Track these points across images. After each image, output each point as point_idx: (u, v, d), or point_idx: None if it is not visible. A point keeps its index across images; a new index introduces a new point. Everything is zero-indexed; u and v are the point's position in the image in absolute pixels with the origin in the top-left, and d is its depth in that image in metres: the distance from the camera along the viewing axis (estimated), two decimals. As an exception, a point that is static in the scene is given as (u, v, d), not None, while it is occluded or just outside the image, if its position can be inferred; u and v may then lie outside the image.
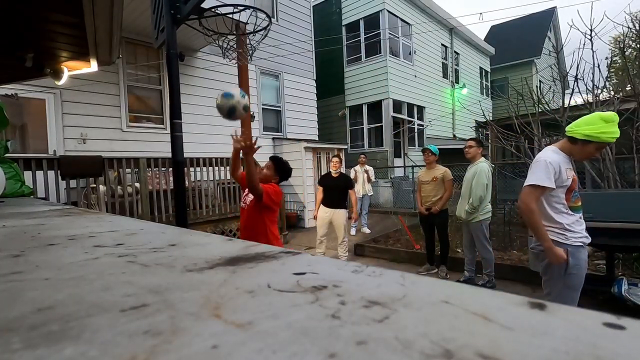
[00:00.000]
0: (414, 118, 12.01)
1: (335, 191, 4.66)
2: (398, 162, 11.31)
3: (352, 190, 4.77)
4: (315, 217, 4.76)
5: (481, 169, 3.74)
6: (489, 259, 3.87)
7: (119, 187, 4.61)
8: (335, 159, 4.94)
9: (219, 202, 5.83)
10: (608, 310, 0.25)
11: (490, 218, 3.92)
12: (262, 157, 8.85)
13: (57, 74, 3.31)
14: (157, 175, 4.97)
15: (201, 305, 0.31)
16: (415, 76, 12.01)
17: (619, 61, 9.35)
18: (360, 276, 0.38)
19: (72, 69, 3.42)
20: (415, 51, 12.08)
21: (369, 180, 7.04)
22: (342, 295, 0.33)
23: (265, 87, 8.61)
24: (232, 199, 5.93)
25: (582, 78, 5.00)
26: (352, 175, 6.83)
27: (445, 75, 14.07)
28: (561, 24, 23.58)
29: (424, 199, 4.44)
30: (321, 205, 4.71)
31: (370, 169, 7.22)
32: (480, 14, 16.34)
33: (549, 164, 2.00)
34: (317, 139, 9.69)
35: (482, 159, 3.89)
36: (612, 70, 9.20)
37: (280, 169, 3.02)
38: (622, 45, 5.75)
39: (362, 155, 7.27)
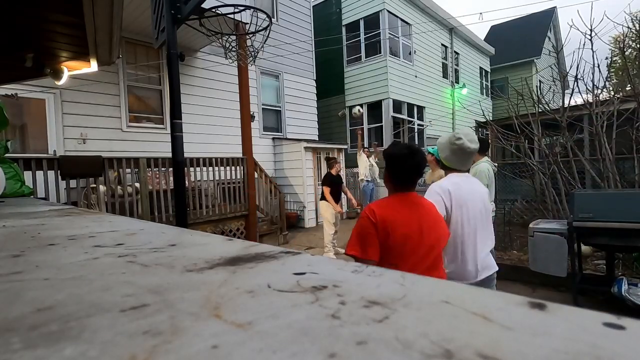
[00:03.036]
0: (414, 118, 12.00)
1: (340, 187, 5.40)
2: (398, 162, 11.29)
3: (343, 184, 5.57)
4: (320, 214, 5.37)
5: (480, 170, 3.73)
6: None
7: (119, 187, 4.61)
8: (338, 165, 5.57)
9: (219, 202, 5.82)
10: (608, 310, 0.25)
11: (493, 218, 3.93)
12: (262, 157, 8.82)
13: (57, 74, 3.31)
14: (157, 175, 4.96)
15: (201, 305, 0.31)
16: (416, 76, 12.01)
17: (619, 61, 9.35)
18: (360, 276, 0.38)
19: (72, 69, 3.42)
20: (415, 51, 12.08)
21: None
22: (342, 295, 0.33)
23: (265, 87, 8.61)
24: (232, 199, 5.93)
25: (582, 78, 5.01)
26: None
27: (445, 75, 14.07)
28: (561, 24, 23.58)
29: None
30: (328, 203, 5.18)
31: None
32: (480, 14, 16.38)
33: None
34: (317, 139, 9.70)
35: (484, 159, 3.89)
36: (612, 70, 9.20)
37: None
38: (622, 45, 5.74)
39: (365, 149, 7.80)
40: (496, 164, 5.63)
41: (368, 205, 1.62)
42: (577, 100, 5.46)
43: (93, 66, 3.38)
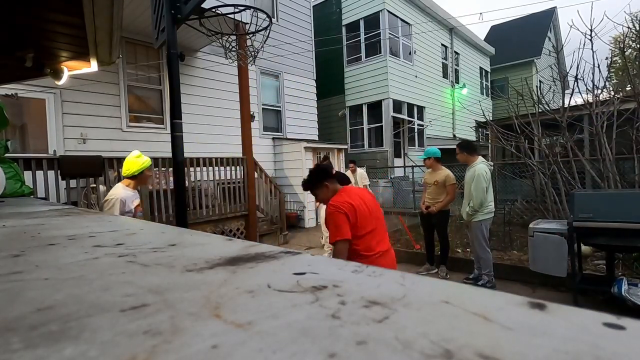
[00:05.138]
0: (414, 118, 12.01)
1: None
2: (398, 162, 11.32)
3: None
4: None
5: (479, 173, 3.72)
6: (486, 259, 3.87)
7: (119, 187, 4.60)
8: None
9: (219, 202, 5.82)
10: (608, 310, 0.25)
11: (492, 218, 3.93)
12: (262, 157, 8.81)
13: (57, 74, 3.31)
14: (157, 175, 4.96)
15: (201, 305, 0.31)
16: (416, 76, 12.02)
17: (619, 61, 9.35)
18: (360, 276, 0.38)
19: (72, 69, 3.42)
20: (415, 51, 12.08)
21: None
22: (342, 295, 0.33)
23: (265, 87, 8.61)
24: (232, 199, 5.93)
25: (582, 78, 5.01)
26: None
27: (445, 75, 14.07)
28: (561, 24, 23.59)
29: (427, 200, 4.47)
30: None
31: (362, 174, 6.65)
32: (480, 14, 16.41)
33: (119, 200, 2.70)
34: (317, 139, 9.70)
35: (479, 159, 3.88)
36: (612, 70, 9.20)
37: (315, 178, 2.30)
38: (622, 45, 5.74)
39: (352, 164, 6.65)
40: (492, 164, 5.61)
41: (332, 202, 2.10)
42: (577, 100, 5.46)
43: (93, 66, 3.37)
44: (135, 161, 2.87)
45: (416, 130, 12.17)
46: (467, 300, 0.30)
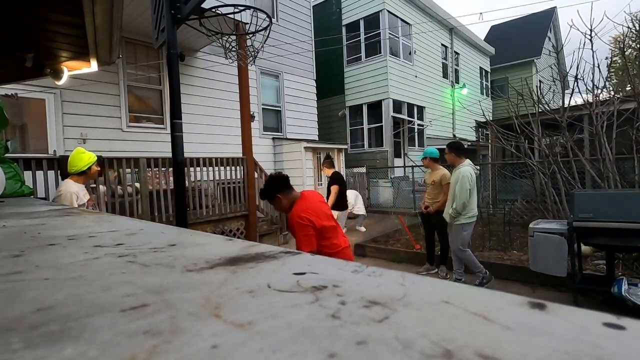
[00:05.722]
0: (414, 118, 12.01)
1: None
2: (398, 162, 11.31)
3: (334, 186, 5.29)
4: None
5: (464, 175, 3.70)
6: (464, 257, 3.86)
7: (119, 187, 4.61)
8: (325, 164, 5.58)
9: (219, 202, 5.82)
10: (608, 310, 0.25)
11: (474, 223, 3.89)
12: (262, 157, 8.77)
13: (57, 74, 3.31)
14: (157, 175, 4.96)
15: (201, 305, 0.31)
16: (416, 76, 12.01)
17: (619, 61, 9.35)
18: (360, 276, 0.38)
19: (72, 69, 3.42)
20: (415, 51, 12.08)
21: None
22: (342, 295, 0.33)
23: (265, 87, 8.60)
24: (232, 199, 5.93)
25: (582, 78, 5.01)
26: None
27: (445, 75, 14.07)
28: (561, 24, 23.60)
29: (426, 200, 4.48)
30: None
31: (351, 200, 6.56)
32: (480, 14, 16.40)
33: (73, 194, 2.71)
34: (317, 139, 9.70)
35: (466, 161, 3.87)
36: (612, 70, 9.20)
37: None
38: (622, 45, 5.75)
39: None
40: (478, 168, 5.61)
41: (297, 213, 2.17)
42: (577, 100, 5.47)
43: (93, 66, 3.37)
44: (82, 157, 2.89)
45: (416, 130, 12.17)
46: (467, 300, 0.30)
